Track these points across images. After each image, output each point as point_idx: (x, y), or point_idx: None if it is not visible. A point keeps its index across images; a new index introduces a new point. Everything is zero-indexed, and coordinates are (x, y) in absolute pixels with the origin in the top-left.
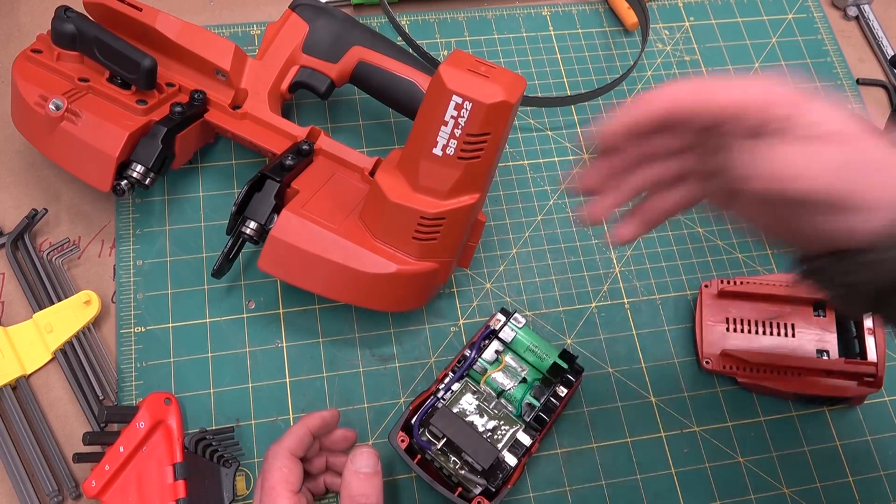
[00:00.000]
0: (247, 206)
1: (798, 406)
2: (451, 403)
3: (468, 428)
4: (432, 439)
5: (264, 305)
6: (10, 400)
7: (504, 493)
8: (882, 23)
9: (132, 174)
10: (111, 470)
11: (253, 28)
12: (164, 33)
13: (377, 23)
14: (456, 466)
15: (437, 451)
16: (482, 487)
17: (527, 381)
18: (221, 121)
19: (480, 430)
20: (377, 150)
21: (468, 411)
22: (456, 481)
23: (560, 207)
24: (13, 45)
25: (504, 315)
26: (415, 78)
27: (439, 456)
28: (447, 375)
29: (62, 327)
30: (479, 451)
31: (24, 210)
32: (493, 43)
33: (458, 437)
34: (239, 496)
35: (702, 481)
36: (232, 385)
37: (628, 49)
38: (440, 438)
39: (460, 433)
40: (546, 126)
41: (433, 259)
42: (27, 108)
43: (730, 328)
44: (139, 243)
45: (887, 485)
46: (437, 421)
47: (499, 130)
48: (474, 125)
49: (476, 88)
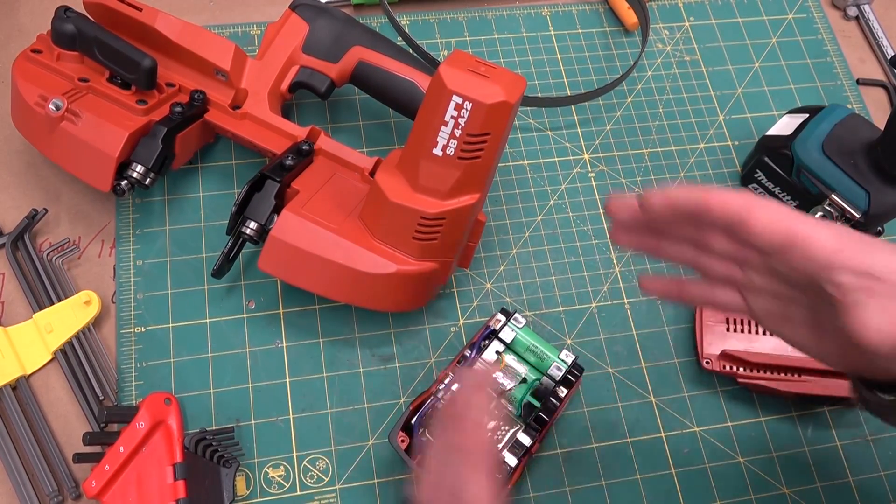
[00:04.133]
0: (247, 206)
1: (798, 406)
2: None
3: None
4: (432, 439)
5: (264, 305)
6: (10, 400)
7: (504, 494)
8: (882, 23)
9: (132, 174)
10: (111, 470)
11: (253, 28)
12: (164, 33)
13: (377, 23)
14: None
15: None
16: None
17: (527, 382)
18: (221, 121)
19: None
20: (377, 150)
21: None
22: None
23: (560, 207)
24: (13, 45)
25: (504, 315)
26: (415, 78)
27: None
28: (447, 376)
29: (62, 327)
30: None
31: (24, 210)
32: (493, 43)
33: None
34: (239, 496)
35: (702, 481)
36: (232, 385)
37: (628, 49)
38: None
39: None
40: (546, 126)
41: (433, 259)
42: (27, 108)
43: (730, 328)
44: (139, 243)
45: (887, 485)
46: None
47: (499, 130)
48: (474, 125)
49: (476, 88)
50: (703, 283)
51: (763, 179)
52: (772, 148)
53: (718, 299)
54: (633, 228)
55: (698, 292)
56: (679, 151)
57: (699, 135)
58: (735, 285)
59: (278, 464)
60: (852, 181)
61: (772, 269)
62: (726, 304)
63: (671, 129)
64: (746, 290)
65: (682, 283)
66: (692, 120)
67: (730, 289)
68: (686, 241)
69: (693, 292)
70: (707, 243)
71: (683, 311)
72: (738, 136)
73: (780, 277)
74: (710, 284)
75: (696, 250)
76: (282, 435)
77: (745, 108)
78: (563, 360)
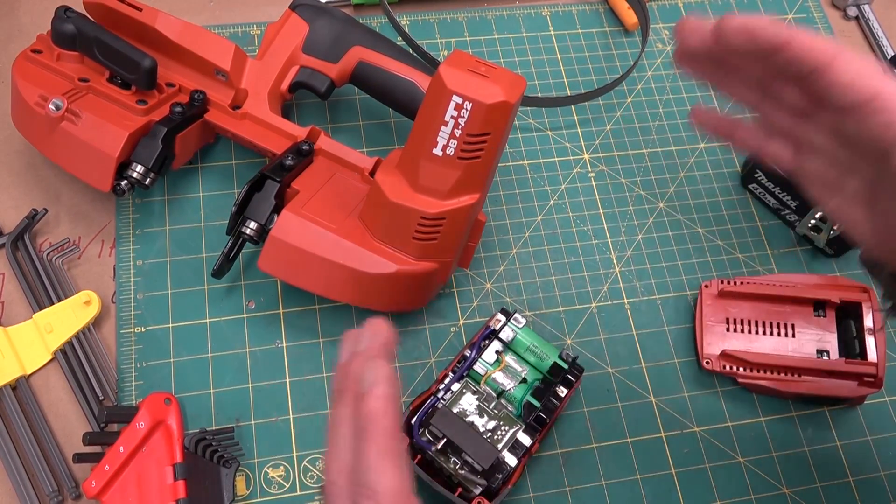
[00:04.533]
0: (247, 206)
1: (798, 406)
2: (451, 404)
3: (468, 428)
4: (432, 439)
5: (264, 305)
6: (10, 400)
7: (504, 494)
8: (882, 23)
9: (132, 174)
10: (111, 470)
11: (253, 28)
12: (164, 33)
13: (377, 23)
14: (456, 467)
15: (436, 452)
16: (482, 488)
17: (527, 382)
18: (221, 121)
19: (480, 430)
20: (377, 150)
21: (468, 411)
22: (456, 481)
23: (560, 207)
24: (13, 45)
25: (504, 315)
26: (415, 78)
27: (439, 456)
28: (447, 376)
29: (62, 327)
30: (479, 452)
31: (24, 210)
32: (493, 43)
33: (458, 437)
34: (239, 496)
35: (702, 481)
36: (232, 385)
37: (628, 49)
38: (440, 439)
39: (460, 433)
40: (546, 126)
41: (433, 259)
42: (27, 109)
43: (730, 328)
44: (139, 243)
45: (887, 485)
46: (437, 421)
47: (499, 130)
48: (474, 125)
49: (476, 88)
50: (759, 130)
51: (763, 179)
52: None
53: (770, 151)
54: (700, 56)
55: (751, 137)
56: (679, 151)
57: (699, 135)
58: (793, 141)
59: (278, 464)
60: None
61: (839, 130)
62: (777, 158)
63: (671, 129)
64: (804, 149)
65: (736, 124)
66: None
67: (786, 143)
68: (753, 81)
69: (745, 136)
70: (775, 88)
71: (683, 311)
72: None
73: (846, 141)
74: (767, 133)
75: (761, 93)
76: (282, 435)
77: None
78: (564, 360)
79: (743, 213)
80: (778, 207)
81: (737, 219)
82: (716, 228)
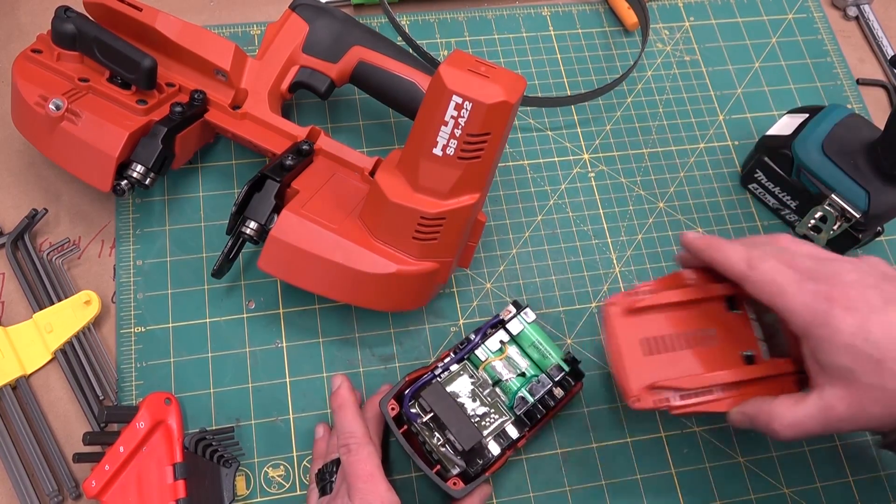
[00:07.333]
0: (247, 206)
1: None
2: (447, 382)
3: (457, 408)
4: (420, 412)
5: (264, 305)
6: (10, 400)
7: (480, 480)
8: (882, 23)
9: (132, 174)
10: (111, 470)
11: (253, 28)
12: (164, 33)
13: (377, 23)
14: (438, 443)
15: (422, 424)
16: (460, 469)
17: (525, 376)
18: (221, 121)
19: (469, 413)
20: (377, 150)
21: (462, 393)
22: (436, 458)
23: (560, 207)
24: (13, 45)
25: (515, 307)
26: (415, 78)
27: (424, 430)
28: (448, 355)
29: (62, 327)
30: (462, 432)
31: (24, 210)
32: (493, 43)
33: (445, 414)
34: (239, 496)
35: (702, 481)
36: (232, 385)
37: (628, 49)
38: (427, 412)
39: (448, 411)
40: (546, 126)
41: (433, 259)
42: (27, 108)
43: (651, 352)
44: (139, 243)
45: (887, 485)
46: (429, 395)
47: (499, 130)
48: (474, 125)
49: (476, 88)
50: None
51: (763, 179)
52: (772, 148)
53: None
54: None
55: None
56: (679, 151)
57: (699, 135)
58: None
59: (278, 464)
60: (852, 181)
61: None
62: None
63: (671, 129)
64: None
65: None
66: (692, 120)
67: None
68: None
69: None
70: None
71: None
72: (738, 135)
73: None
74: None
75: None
76: (282, 435)
77: (745, 108)
78: (565, 363)
79: (743, 213)
80: (778, 207)
81: (737, 219)
82: (716, 228)
